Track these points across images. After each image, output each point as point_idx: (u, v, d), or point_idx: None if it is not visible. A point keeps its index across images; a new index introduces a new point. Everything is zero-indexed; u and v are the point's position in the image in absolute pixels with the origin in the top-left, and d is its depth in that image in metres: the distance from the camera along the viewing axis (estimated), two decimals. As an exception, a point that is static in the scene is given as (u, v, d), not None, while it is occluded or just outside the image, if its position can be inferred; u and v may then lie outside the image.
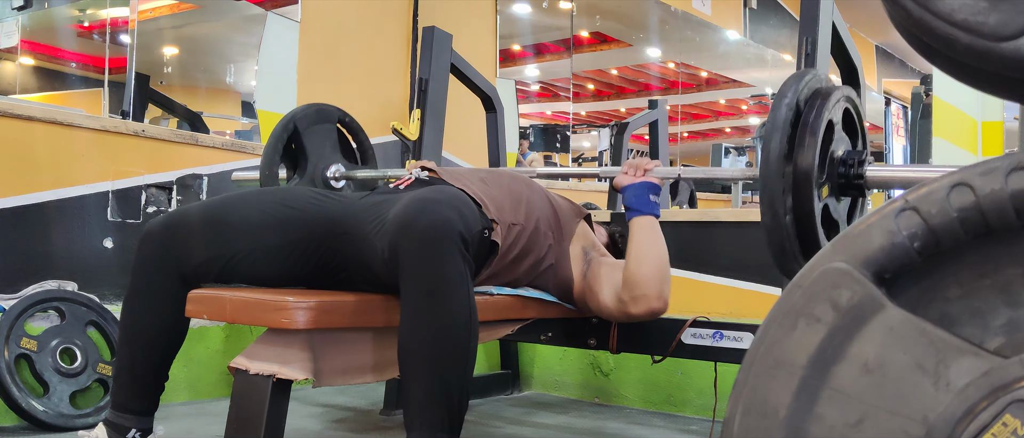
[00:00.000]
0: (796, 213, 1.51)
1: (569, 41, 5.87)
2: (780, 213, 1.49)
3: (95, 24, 3.60)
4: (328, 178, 2.30)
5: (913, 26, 0.76)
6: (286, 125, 2.22)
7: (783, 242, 1.51)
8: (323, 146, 2.29)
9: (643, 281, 1.74)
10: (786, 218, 1.49)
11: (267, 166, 2.19)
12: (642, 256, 1.76)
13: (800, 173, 1.50)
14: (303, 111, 2.27)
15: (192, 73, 3.89)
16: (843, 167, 1.62)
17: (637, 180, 1.85)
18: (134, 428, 1.63)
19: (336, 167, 2.31)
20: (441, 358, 1.40)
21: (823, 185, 1.56)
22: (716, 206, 5.57)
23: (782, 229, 1.49)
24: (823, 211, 1.57)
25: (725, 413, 0.78)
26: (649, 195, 1.84)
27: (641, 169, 1.87)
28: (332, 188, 2.28)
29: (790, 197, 1.50)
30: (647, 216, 1.82)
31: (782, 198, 1.49)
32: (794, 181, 1.50)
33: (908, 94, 5.94)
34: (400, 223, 1.44)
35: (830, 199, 1.62)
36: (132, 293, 1.65)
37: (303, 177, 2.25)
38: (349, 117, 2.39)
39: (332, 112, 2.34)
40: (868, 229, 0.75)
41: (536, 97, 6.73)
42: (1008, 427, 0.67)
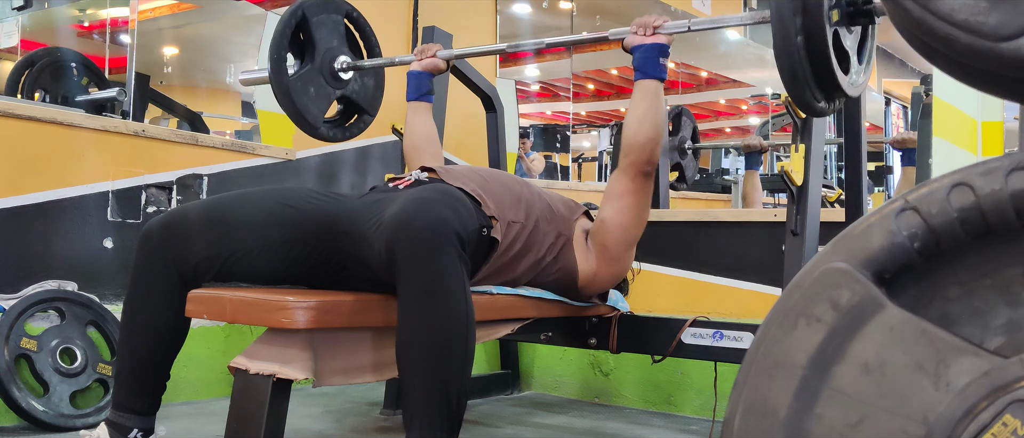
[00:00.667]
0: (807, 35, 1.47)
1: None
2: (792, 34, 1.45)
3: (95, 24, 3.60)
4: (335, 69, 2.28)
5: (913, 26, 0.77)
6: (294, 11, 2.19)
7: (795, 66, 1.47)
8: (331, 37, 2.28)
9: (639, 146, 1.82)
10: (798, 39, 1.46)
11: (275, 50, 2.15)
12: (643, 120, 1.82)
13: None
14: (311, 0, 2.25)
15: (192, 73, 3.89)
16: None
17: (647, 40, 1.85)
18: (136, 428, 1.63)
19: (343, 58, 2.30)
20: (439, 358, 1.40)
21: (834, 8, 1.53)
22: (716, 206, 5.57)
23: (794, 52, 1.46)
24: (834, 39, 1.53)
25: (725, 413, 0.78)
26: (658, 57, 1.85)
27: (650, 27, 1.86)
28: (339, 79, 2.27)
29: (800, 18, 1.46)
30: (652, 80, 1.84)
31: (793, 19, 1.45)
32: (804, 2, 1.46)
33: (908, 94, 5.94)
34: (396, 223, 1.44)
35: (841, 27, 1.57)
36: (132, 292, 1.65)
37: (311, 66, 2.22)
38: (357, 12, 2.38)
39: (341, 4, 2.32)
40: (868, 229, 0.75)
41: (536, 97, 6.73)
42: (1008, 427, 0.67)
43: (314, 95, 2.22)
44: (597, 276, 1.90)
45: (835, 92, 1.55)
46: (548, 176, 5.96)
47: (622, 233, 1.87)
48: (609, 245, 1.87)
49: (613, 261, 1.89)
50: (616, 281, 1.97)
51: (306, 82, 2.20)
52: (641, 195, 1.85)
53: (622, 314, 2.09)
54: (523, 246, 1.78)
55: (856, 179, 2.22)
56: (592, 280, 1.90)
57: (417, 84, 2.24)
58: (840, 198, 4.46)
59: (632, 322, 2.08)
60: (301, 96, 2.18)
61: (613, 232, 1.86)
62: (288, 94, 2.16)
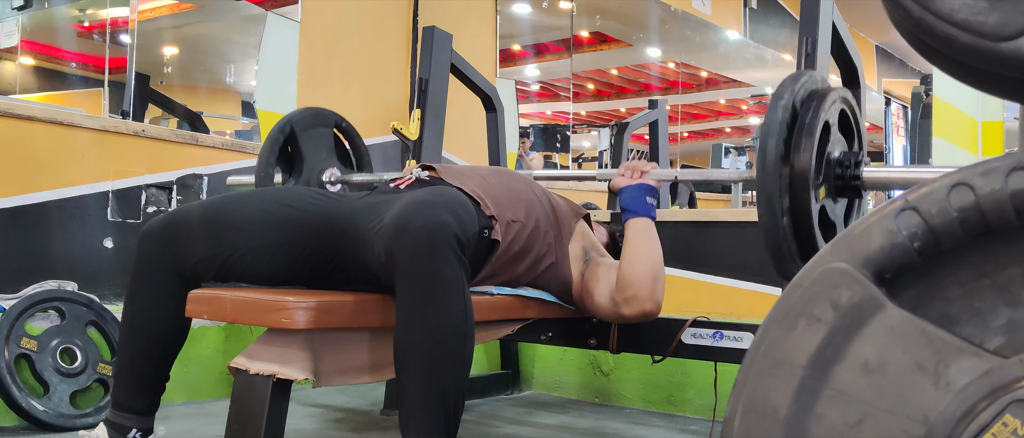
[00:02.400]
0: (793, 214, 1.51)
1: (569, 41, 5.87)
2: (777, 214, 1.49)
3: (95, 24, 3.60)
4: (324, 182, 2.31)
5: (913, 26, 0.76)
6: (283, 128, 2.22)
7: (780, 243, 1.51)
8: (319, 150, 2.29)
9: (636, 283, 1.75)
10: (783, 219, 1.50)
11: (263, 168, 2.19)
12: (636, 258, 1.77)
13: (797, 174, 1.50)
14: (300, 114, 2.28)
15: (192, 73, 3.89)
16: (840, 168, 1.62)
17: (634, 182, 1.86)
18: (135, 428, 1.63)
19: (332, 171, 2.32)
20: (437, 360, 1.40)
21: (820, 186, 1.56)
22: (716, 206, 5.57)
23: (779, 230, 1.50)
24: (820, 212, 1.57)
25: (725, 413, 0.78)
26: (646, 198, 1.85)
27: (638, 172, 1.88)
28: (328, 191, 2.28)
29: (787, 198, 1.51)
30: (643, 218, 1.83)
31: (779, 199, 1.49)
32: (791, 182, 1.51)
33: (908, 94, 5.94)
34: (395, 226, 1.44)
35: (827, 200, 1.62)
36: (132, 292, 1.65)
37: (299, 180, 2.25)
38: (346, 122, 2.40)
39: (329, 116, 2.35)
40: (868, 229, 0.75)
41: (536, 97, 6.73)
42: (1008, 427, 0.67)
43: None
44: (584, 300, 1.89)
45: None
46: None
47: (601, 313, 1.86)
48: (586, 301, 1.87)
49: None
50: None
51: None
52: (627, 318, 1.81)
53: (622, 314, 2.08)
54: (523, 246, 1.78)
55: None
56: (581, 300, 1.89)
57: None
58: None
59: (624, 323, 2.08)
60: None
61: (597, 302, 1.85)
62: None
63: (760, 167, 1.50)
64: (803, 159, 1.50)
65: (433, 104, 2.61)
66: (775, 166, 1.49)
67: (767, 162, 1.49)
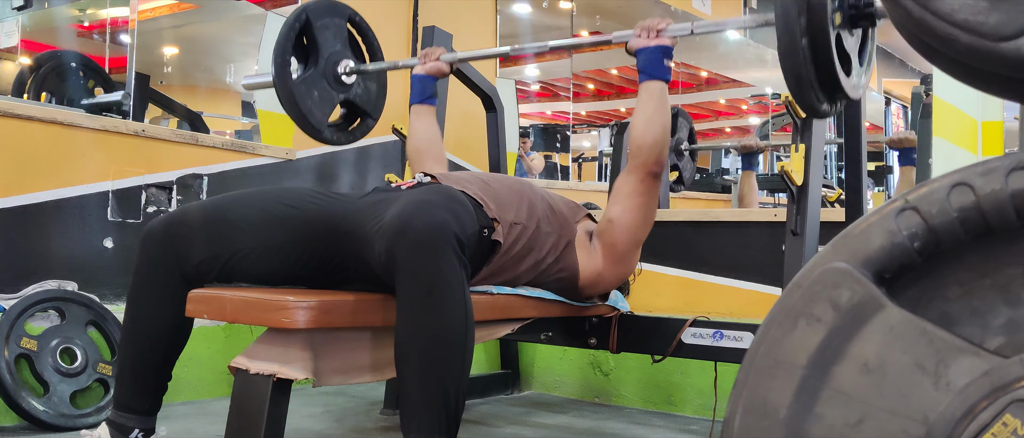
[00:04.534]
0: (811, 37, 1.50)
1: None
2: (796, 36, 1.48)
3: (95, 24, 3.60)
4: (338, 73, 2.28)
5: (913, 26, 0.77)
6: (298, 16, 2.19)
7: (800, 69, 1.50)
8: (334, 41, 2.28)
9: (647, 147, 1.82)
10: (802, 41, 1.49)
11: (279, 55, 2.16)
12: (650, 121, 1.83)
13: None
14: (315, 4, 2.25)
15: (192, 73, 3.89)
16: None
17: (651, 43, 1.87)
18: (137, 428, 1.63)
19: (347, 62, 2.30)
20: (437, 360, 1.40)
21: (836, 11, 1.56)
22: (716, 206, 5.57)
23: (799, 54, 1.49)
24: (837, 41, 1.56)
25: (725, 413, 0.78)
26: (663, 59, 1.86)
27: (654, 30, 1.88)
28: (343, 83, 2.27)
29: (805, 18, 1.49)
30: (658, 81, 1.85)
31: (797, 21, 1.48)
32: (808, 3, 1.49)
33: (908, 94, 5.93)
34: (396, 225, 1.44)
35: (843, 30, 1.60)
36: (133, 293, 1.66)
37: (315, 69, 2.22)
38: (359, 16, 2.38)
39: (343, 8, 2.33)
40: (868, 229, 0.75)
41: (536, 97, 6.73)
42: (1008, 427, 0.67)
43: (318, 99, 2.22)
44: (602, 276, 1.90)
45: (837, 94, 1.58)
46: (548, 176, 5.96)
47: (630, 233, 1.87)
48: (616, 244, 1.87)
49: (619, 261, 1.89)
50: (620, 281, 1.97)
51: (310, 86, 2.20)
52: (649, 195, 1.86)
53: (622, 314, 2.09)
54: (524, 246, 1.78)
55: (856, 179, 2.23)
56: (596, 280, 1.90)
57: (421, 88, 2.24)
58: (840, 198, 4.46)
59: (632, 322, 2.08)
60: (305, 100, 2.18)
61: (621, 232, 1.86)
62: (292, 98, 2.16)
63: None
64: None
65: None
66: None
67: None
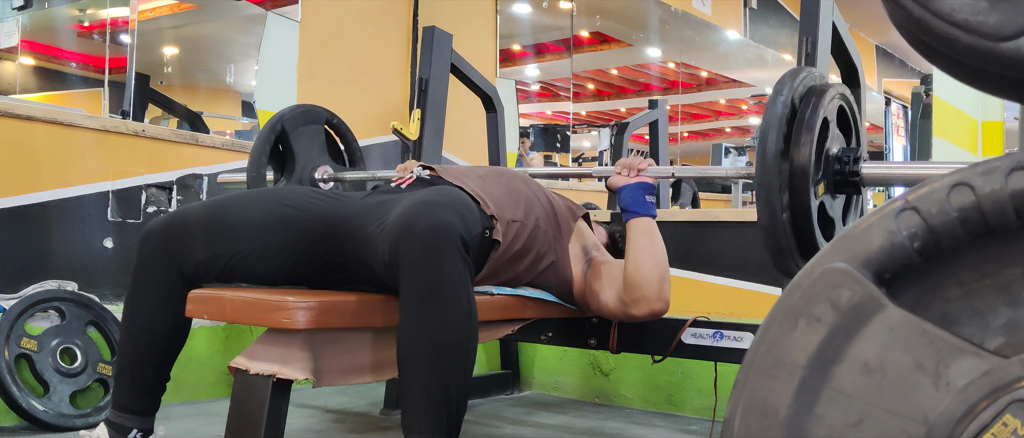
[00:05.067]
0: (793, 211, 1.51)
1: (569, 41, 5.87)
2: (777, 211, 1.49)
3: (95, 24, 3.60)
4: (316, 180, 2.30)
5: (913, 26, 0.76)
6: (273, 126, 2.22)
7: (779, 240, 1.51)
8: (311, 148, 2.29)
9: (643, 283, 1.74)
10: (783, 216, 1.50)
11: (254, 167, 2.18)
12: (641, 258, 1.76)
13: (796, 170, 1.50)
14: (290, 112, 2.27)
15: (192, 73, 3.89)
16: (838, 164, 1.62)
17: (632, 181, 1.85)
18: (135, 428, 1.63)
19: (324, 168, 2.31)
20: (440, 361, 1.40)
21: (819, 182, 1.56)
22: (716, 206, 5.57)
23: (779, 226, 1.50)
24: (819, 209, 1.57)
25: (725, 413, 0.78)
26: (645, 196, 1.84)
27: (634, 169, 1.86)
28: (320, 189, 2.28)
29: (787, 194, 1.50)
30: (644, 217, 1.81)
31: (779, 196, 1.49)
32: (791, 178, 1.50)
33: (908, 94, 5.94)
34: (400, 226, 1.44)
35: (826, 197, 1.61)
36: (133, 293, 1.65)
37: (291, 179, 2.24)
38: (337, 118, 2.38)
39: (320, 113, 2.34)
40: (868, 229, 0.75)
41: (536, 97, 6.73)
42: (1008, 427, 0.67)
43: None
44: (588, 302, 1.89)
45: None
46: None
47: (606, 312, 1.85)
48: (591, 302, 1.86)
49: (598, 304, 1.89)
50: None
51: None
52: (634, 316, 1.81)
53: (622, 314, 2.08)
54: (523, 246, 1.77)
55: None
56: (583, 300, 1.89)
57: None
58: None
59: (632, 322, 2.08)
60: None
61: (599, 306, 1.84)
62: None
63: (759, 162, 1.50)
64: (802, 154, 1.50)
65: (433, 104, 2.61)
66: (774, 161, 1.49)
67: (766, 157, 1.49)
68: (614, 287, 1.80)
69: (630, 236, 1.80)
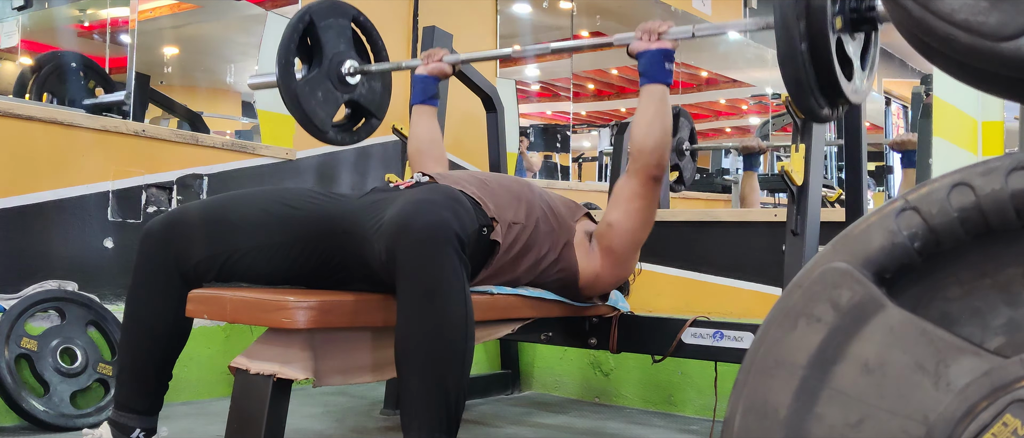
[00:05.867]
0: (811, 41, 1.48)
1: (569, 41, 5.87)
2: (796, 40, 1.46)
3: (95, 24, 3.60)
4: (342, 73, 2.27)
5: (913, 26, 0.76)
6: (302, 16, 2.18)
7: (799, 73, 1.48)
8: (338, 41, 2.27)
9: (648, 150, 1.82)
10: (802, 45, 1.47)
11: (283, 56, 2.15)
12: (651, 124, 1.82)
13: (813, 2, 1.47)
14: (318, 5, 2.24)
15: (192, 73, 3.89)
16: (855, 1, 1.60)
17: (653, 46, 1.87)
18: (138, 428, 1.63)
19: (351, 62, 2.29)
20: (438, 359, 1.40)
21: (837, 15, 1.54)
22: (716, 206, 5.57)
23: (798, 58, 1.47)
24: (838, 45, 1.55)
25: (725, 413, 0.78)
26: (664, 62, 1.86)
27: (655, 33, 1.87)
28: (347, 83, 2.27)
29: (804, 23, 1.47)
30: (659, 85, 1.85)
31: (797, 24, 1.47)
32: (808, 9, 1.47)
33: (908, 94, 5.93)
34: (396, 225, 1.44)
35: (844, 34, 1.58)
36: (133, 293, 1.66)
37: (319, 70, 2.21)
38: (363, 16, 2.37)
39: (347, 8, 2.32)
40: (868, 229, 0.75)
41: (536, 97, 6.73)
42: (1008, 427, 0.67)
43: (322, 99, 2.22)
44: (600, 277, 1.90)
45: (838, 98, 1.57)
46: (548, 176, 5.96)
47: (630, 236, 1.87)
48: (615, 247, 1.87)
49: (618, 263, 1.89)
50: (619, 282, 1.97)
51: (314, 86, 2.20)
52: (650, 199, 1.86)
53: (622, 314, 2.09)
54: (524, 246, 1.78)
55: (856, 179, 2.22)
56: (594, 281, 1.89)
57: (423, 88, 2.24)
58: (840, 198, 4.46)
59: (632, 322, 2.08)
60: (309, 100, 2.18)
61: (620, 235, 1.86)
62: (296, 99, 2.16)
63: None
64: None
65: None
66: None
67: None
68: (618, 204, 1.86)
69: (643, 101, 1.85)
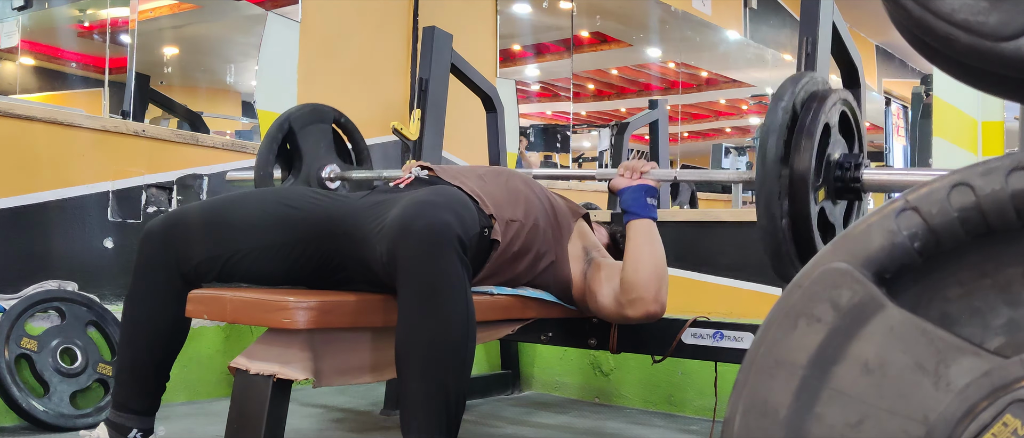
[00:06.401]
0: (792, 216, 1.51)
1: (569, 41, 5.87)
2: (776, 216, 1.48)
3: (95, 24, 3.60)
4: (323, 179, 2.30)
5: (913, 26, 0.76)
6: (281, 125, 2.22)
7: (779, 246, 1.50)
8: (318, 146, 2.29)
9: (640, 285, 1.74)
10: (782, 222, 1.49)
11: (262, 166, 2.19)
12: (640, 260, 1.76)
13: (796, 176, 1.50)
14: (298, 111, 2.27)
15: (192, 73, 3.89)
16: (840, 170, 1.62)
17: (634, 183, 1.85)
18: (135, 428, 1.63)
19: (331, 167, 2.31)
20: (438, 361, 1.40)
21: (820, 188, 1.56)
22: (716, 206, 5.57)
23: (778, 232, 1.49)
24: (819, 214, 1.57)
25: (725, 413, 0.78)
26: (646, 198, 1.84)
27: (637, 172, 1.87)
28: (327, 189, 2.28)
29: (786, 201, 1.50)
30: (644, 219, 1.82)
31: (778, 202, 1.49)
32: (790, 184, 1.50)
33: (908, 94, 5.94)
34: (398, 226, 1.44)
35: (826, 202, 1.61)
36: (133, 293, 1.65)
37: (298, 177, 2.25)
38: (344, 117, 2.39)
39: (327, 112, 2.34)
40: (868, 229, 0.75)
41: (536, 97, 6.73)
42: (1008, 427, 0.67)
43: None
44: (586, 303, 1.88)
45: None
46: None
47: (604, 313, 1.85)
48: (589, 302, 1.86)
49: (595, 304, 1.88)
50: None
51: None
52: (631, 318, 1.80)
53: (622, 314, 2.08)
54: (522, 245, 1.78)
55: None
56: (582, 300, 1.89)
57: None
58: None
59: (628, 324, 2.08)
60: None
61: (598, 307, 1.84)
62: None
63: (760, 168, 1.49)
64: (803, 160, 1.50)
65: (433, 104, 2.61)
66: (775, 167, 1.49)
67: (767, 163, 1.49)
68: (611, 289, 1.80)
69: (630, 237, 1.80)
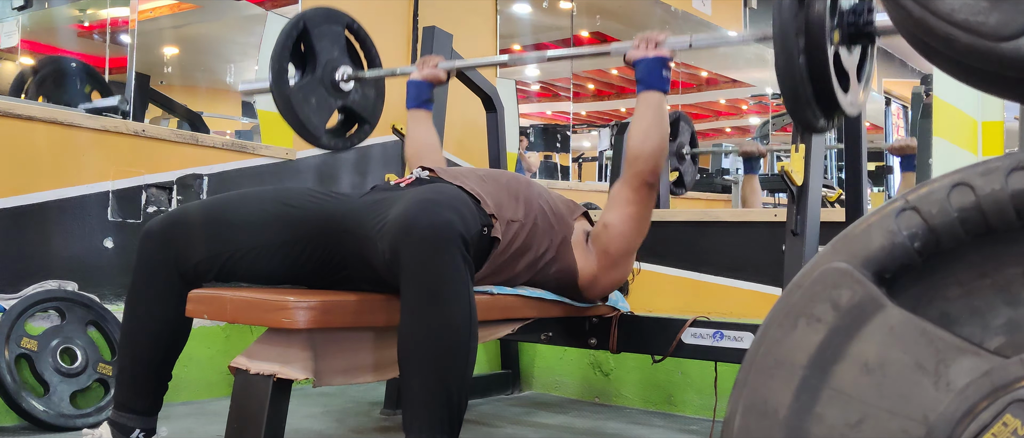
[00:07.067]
0: (809, 55, 1.49)
1: (569, 41, 5.87)
2: (793, 54, 1.47)
3: (95, 24, 3.60)
4: (336, 80, 2.28)
5: (913, 26, 0.76)
6: (296, 23, 2.20)
7: (797, 87, 1.50)
8: (332, 48, 2.28)
9: (643, 157, 1.84)
10: (800, 59, 1.48)
11: (276, 62, 2.16)
12: (647, 131, 1.84)
13: (812, 15, 1.49)
14: (313, 12, 2.25)
15: (192, 73, 3.89)
16: (853, 16, 1.61)
17: (650, 54, 1.88)
18: (138, 428, 1.63)
19: (344, 68, 2.30)
20: (441, 360, 1.40)
21: (835, 29, 1.56)
22: (716, 206, 5.57)
23: (795, 71, 1.49)
24: (835, 59, 1.56)
25: (725, 413, 0.78)
26: (661, 70, 1.88)
27: (653, 42, 1.90)
28: (340, 89, 2.28)
29: (803, 38, 1.49)
30: (656, 92, 1.87)
31: (795, 39, 1.48)
32: (807, 22, 1.49)
33: (908, 94, 5.93)
34: (401, 224, 1.44)
35: (842, 48, 1.60)
36: (133, 292, 1.65)
37: (312, 77, 2.22)
38: (357, 23, 2.38)
39: (341, 16, 2.33)
40: (868, 229, 0.75)
41: (536, 97, 6.73)
42: (1008, 427, 0.67)
43: (315, 105, 2.23)
44: (598, 278, 1.90)
45: (835, 111, 1.58)
46: (548, 176, 5.96)
47: (623, 240, 1.88)
48: (611, 250, 1.88)
49: (614, 265, 1.90)
50: (616, 286, 1.98)
51: (307, 93, 2.20)
52: (644, 205, 1.87)
53: (622, 314, 2.09)
54: (522, 244, 1.78)
55: (856, 179, 2.23)
56: (593, 282, 1.90)
57: (417, 93, 2.26)
58: (840, 198, 4.46)
59: (632, 322, 2.08)
60: (303, 107, 2.19)
61: (615, 238, 1.88)
62: (290, 105, 2.17)
63: (776, 9, 1.49)
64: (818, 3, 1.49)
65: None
66: (791, 5, 1.48)
67: (784, 5, 1.48)
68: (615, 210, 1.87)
69: (639, 108, 1.87)
